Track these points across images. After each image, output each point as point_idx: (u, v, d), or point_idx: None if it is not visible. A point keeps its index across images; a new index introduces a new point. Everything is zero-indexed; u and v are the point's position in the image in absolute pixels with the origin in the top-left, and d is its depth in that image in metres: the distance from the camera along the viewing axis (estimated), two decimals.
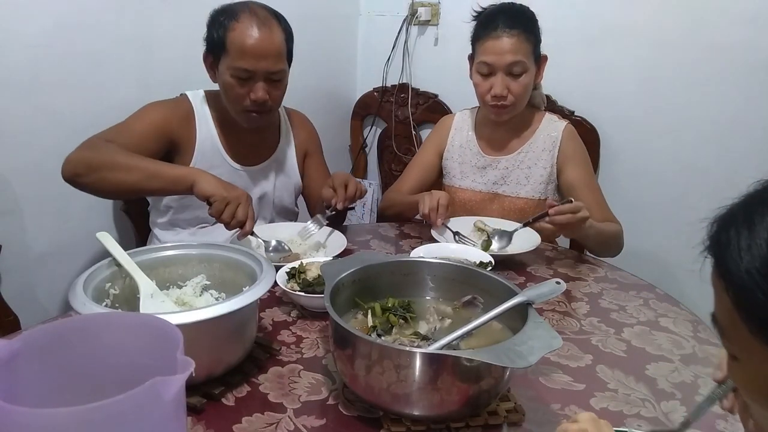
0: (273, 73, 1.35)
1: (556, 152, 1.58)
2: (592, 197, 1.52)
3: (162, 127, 1.39)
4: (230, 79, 1.34)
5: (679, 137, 1.98)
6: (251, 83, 1.34)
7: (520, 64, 1.46)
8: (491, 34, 1.46)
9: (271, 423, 0.78)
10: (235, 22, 1.32)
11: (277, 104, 1.43)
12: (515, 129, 1.63)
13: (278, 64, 1.35)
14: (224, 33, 1.32)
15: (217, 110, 1.48)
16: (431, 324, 0.91)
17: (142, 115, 1.40)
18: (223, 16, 1.34)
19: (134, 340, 0.65)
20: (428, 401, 0.74)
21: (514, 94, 1.48)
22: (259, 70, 1.33)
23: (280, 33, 1.35)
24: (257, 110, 1.38)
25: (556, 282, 0.84)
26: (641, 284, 1.29)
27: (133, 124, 1.38)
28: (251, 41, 1.30)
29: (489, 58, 1.47)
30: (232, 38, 1.32)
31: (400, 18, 2.45)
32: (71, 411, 0.47)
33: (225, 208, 1.20)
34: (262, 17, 1.33)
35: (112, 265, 0.93)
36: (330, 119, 2.62)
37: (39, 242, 1.60)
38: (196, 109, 1.46)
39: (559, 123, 1.61)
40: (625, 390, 0.89)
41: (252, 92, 1.35)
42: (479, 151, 1.65)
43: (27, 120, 1.51)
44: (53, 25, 1.51)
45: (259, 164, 1.55)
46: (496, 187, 1.63)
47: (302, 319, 1.08)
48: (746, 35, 1.79)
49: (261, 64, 1.32)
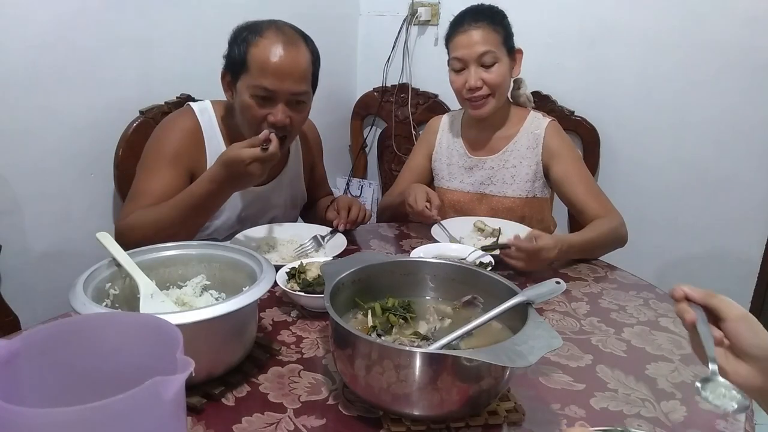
0: (296, 94, 1.27)
1: (540, 149, 1.58)
2: (583, 188, 1.51)
3: (175, 163, 1.31)
4: (249, 100, 1.25)
5: (679, 137, 1.98)
6: (271, 105, 1.26)
7: (489, 54, 1.48)
8: (459, 30, 1.51)
9: (271, 423, 0.78)
10: (260, 38, 1.24)
11: (297, 130, 1.35)
12: (499, 128, 1.63)
13: (302, 86, 1.27)
14: (246, 49, 1.25)
15: (228, 126, 1.39)
16: (431, 324, 0.91)
17: (153, 163, 1.31)
18: (247, 32, 1.27)
19: (134, 340, 0.65)
20: (428, 401, 0.74)
21: (488, 84, 1.50)
22: (281, 91, 1.24)
23: (306, 53, 1.28)
24: (275, 135, 1.23)
25: (555, 282, 0.84)
26: (641, 284, 1.29)
27: (151, 179, 1.29)
28: (275, 59, 1.22)
29: (460, 52, 1.50)
30: (255, 54, 1.24)
31: (400, 18, 2.45)
32: (71, 411, 0.47)
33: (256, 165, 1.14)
34: (289, 35, 1.26)
35: (112, 265, 0.93)
36: (330, 119, 2.62)
37: (39, 242, 1.60)
38: (204, 128, 1.37)
39: (543, 120, 1.61)
40: (625, 390, 0.89)
41: (271, 114, 1.26)
42: (465, 152, 1.66)
43: (27, 120, 1.51)
44: (53, 25, 1.51)
45: (269, 182, 1.48)
46: (483, 188, 1.64)
47: (302, 319, 1.08)
48: (746, 35, 1.80)
49: (284, 85, 1.24)
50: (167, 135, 1.33)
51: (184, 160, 1.32)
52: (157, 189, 1.27)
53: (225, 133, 1.39)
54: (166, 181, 1.28)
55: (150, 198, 1.25)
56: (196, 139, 1.35)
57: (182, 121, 1.36)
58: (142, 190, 1.29)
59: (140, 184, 1.30)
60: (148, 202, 1.25)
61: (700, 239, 2.00)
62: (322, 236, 1.41)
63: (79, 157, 1.62)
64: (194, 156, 1.34)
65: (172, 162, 1.31)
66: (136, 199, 1.28)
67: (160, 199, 1.24)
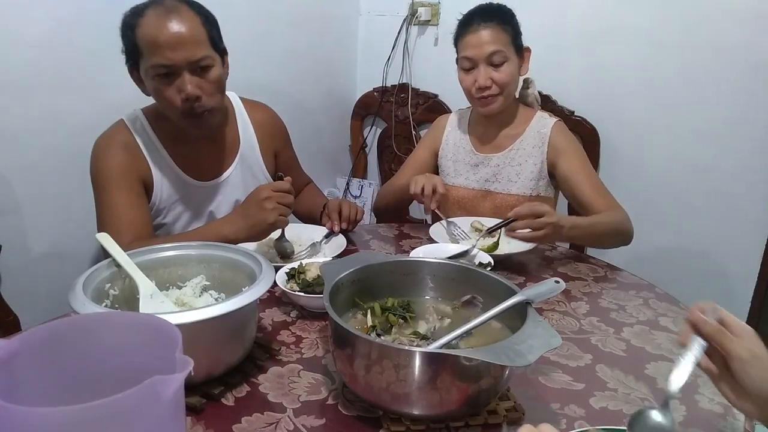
0: (195, 61, 1.21)
1: (546, 148, 1.59)
2: (589, 184, 1.52)
3: (126, 180, 1.29)
4: (153, 82, 1.22)
5: (679, 137, 1.98)
6: (176, 79, 1.21)
7: (499, 54, 1.49)
8: (469, 30, 1.51)
9: (271, 423, 0.78)
10: (141, 19, 1.20)
11: (215, 98, 1.28)
12: (506, 126, 1.64)
13: (198, 51, 1.21)
14: (133, 33, 1.21)
15: (162, 127, 1.35)
16: (431, 323, 0.91)
17: (104, 188, 1.29)
18: (129, 17, 1.23)
19: (134, 340, 0.65)
20: (428, 400, 0.74)
21: (498, 83, 1.51)
22: (177, 62, 1.19)
23: (193, 16, 1.22)
24: (197, 111, 1.24)
25: (555, 281, 0.84)
26: (641, 284, 1.29)
27: (111, 203, 1.28)
28: (161, 32, 1.17)
29: (469, 52, 1.51)
30: (141, 36, 1.19)
31: (400, 18, 2.45)
32: (70, 410, 0.47)
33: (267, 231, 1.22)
34: (169, 6, 1.21)
35: (111, 265, 0.93)
36: (330, 119, 2.63)
37: (39, 242, 1.60)
38: (138, 137, 1.33)
39: (549, 120, 1.62)
40: (625, 389, 0.89)
41: (181, 90, 1.21)
42: (472, 149, 1.67)
43: (27, 120, 1.51)
44: (53, 25, 1.51)
45: (222, 174, 1.44)
46: (488, 185, 1.65)
47: (302, 319, 1.08)
48: (746, 35, 1.79)
49: (179, 55, 1.18)
50: (106, 156, 1.30)
51: (132, 173, 1.31)
52: (124, 213, 1.27)
53: (160, 135, 1.36)
54: (126, 200, 1.28)
55: (122, 224, 1.24)
56: (134, 152, 1.32)
57: (116, 137, 1.32)
58: (109, 216, 1.28)
59: (105, 210, 1.29)
60: (122, 229, 1.23)
61: (700, 239, 2.00)
62: (318, 242, 1.41)
63: (79, 157, 1.61)
64: (138, 168, 1.32)
65: (122, 180, 1.29)
66: (110, 227, 1.21)
67: (132, 222, 1.26)
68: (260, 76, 2.10)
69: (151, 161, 1.34)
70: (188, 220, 1.43)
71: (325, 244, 1.41)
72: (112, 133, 1.34)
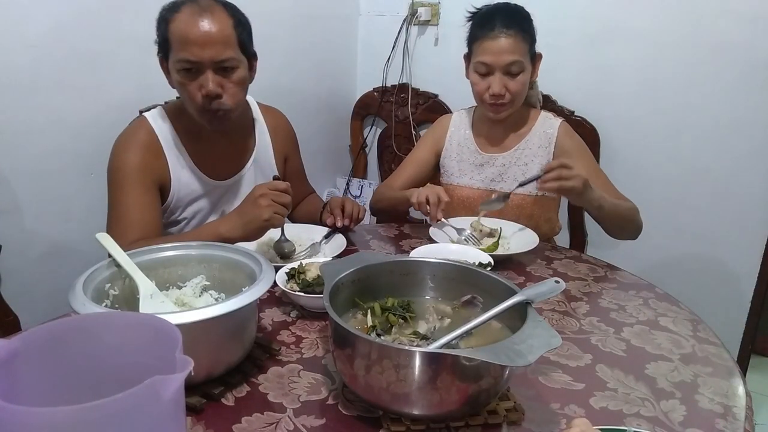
0: (221, 61, 1.24)
1: (552, 149, 1.59)
2: (600, 183, 1.50)
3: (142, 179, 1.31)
4: (178, 76, 1.26)
5: (679, 137, 1.98)
6: (199, 76, 1.25)
7: (517, 64, 1.47)
8: (489, 35, 1.47)
9: (271, 423, 0.78)
10: (176, 14, 1.24)
11: (236, 99, 1.31)
12: (512, 126, 1.64)
13: (226, 52, 1.24)
14: (167, 27, 1.25)
15: (183, 123, 1.38)
16: (431, 323, 0.91)
17: (119, 185, 1.30)
18: (166, 11, 1.27)
19: (134, 340, 0.65)
20: (428, 400, 0.74)
21: (512, 92, 1.50)
22: (203, 60, 1.22)
23: (225, 18, 1.25)
24: (214, 108, 1.27)
25: (555, 281, 0.84)
26: (641, 284, 1.29)
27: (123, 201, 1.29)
28: (192, 29, 1.21)
29: (487, 58, 1.48)
30: (173, 30, 1.23)
31: (400, 18, 2.45)
32: (70, 410, 0.47)
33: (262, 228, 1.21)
34: (204, 4, 1.24)
35: (111, 265, 0.93)
36: (330, 119, 2.63)
37: (39, 242, 1.60)
38: (160, 135, 1.35)
39: (555, 120, 1.62)
40: (625, 389, 0.89)
41: (202, 86, 1.25)
42: (477, 149, 1.67)
43: (27, 120, 1.51)
44: (53, 25, 1.51)
45: (237, 173, 1.47)
46: (494, 184, 1.64)
47: (302, 319, 1.08)
48: (746, 35, 1.80)
49: (205, 53, 1.22)
50: (126, 153, 1.32)
51: (149, 173, 1.32)
52: (134, 212, 1.28)
53: (180, 132, 1.38)
54: (138, 200, 1.29)
55: (131, 223, 1.26)
56: (155, 150, 1.34)
57: (137, 135, 1.34)
58: (120, 214, 1.29)
59: (116, 208, 1.30)
60: (130, 227, 1.25)
61: (699, 239, 2.00)
62: (318, 242, 1.41)
63: (79, 157, 1.62)
64: (156, 167, 1.34)
65: (138, 179, 1.30)
66: (118, 225, 1.27)
67: (140, 221, 1.27)
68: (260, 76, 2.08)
69: (170, 159, 1.36)
70: (202, 219, 1.44)
71: (325, 244, 1.41)
72: (133, 131, 1.36)
